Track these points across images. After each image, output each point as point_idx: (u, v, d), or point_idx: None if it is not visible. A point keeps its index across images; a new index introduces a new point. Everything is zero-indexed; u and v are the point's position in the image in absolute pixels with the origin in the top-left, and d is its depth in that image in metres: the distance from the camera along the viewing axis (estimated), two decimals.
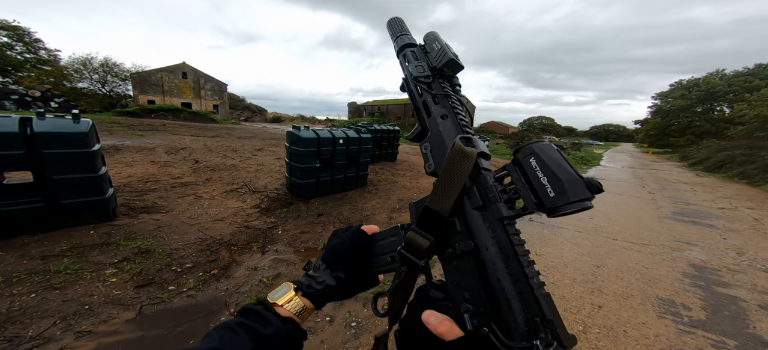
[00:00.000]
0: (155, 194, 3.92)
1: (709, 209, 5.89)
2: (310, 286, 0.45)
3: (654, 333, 2.03)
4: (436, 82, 0.47)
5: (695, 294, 2.59)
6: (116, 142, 7.07)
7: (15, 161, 2.27)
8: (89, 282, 2.02)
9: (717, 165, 13.89)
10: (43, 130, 2.36)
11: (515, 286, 0.31)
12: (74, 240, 2.47)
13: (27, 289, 1.89)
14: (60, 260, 2.20)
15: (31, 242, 2.38)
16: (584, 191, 0.29)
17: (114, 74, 31.07)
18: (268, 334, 0.37)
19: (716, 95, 32.09)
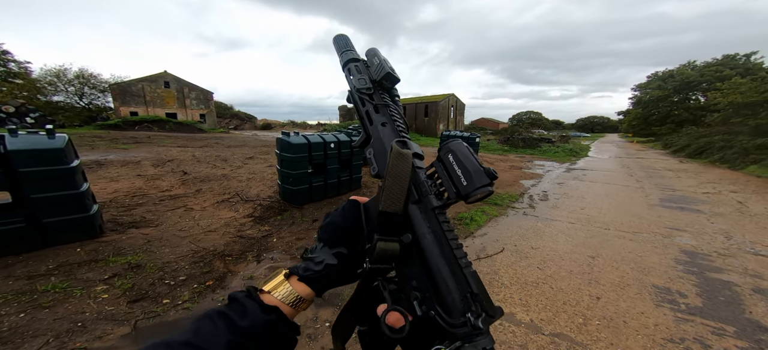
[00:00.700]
0: (143, 208, 3.81)
1: (695, 195, 6.09)
2: (307, 269, 0.40)
3: (653, 322, 2.05)
4: (377, 94, 0.51)
5: (689, 280, 2.64)
6: (99, 157, 6.80)
7: None
8: (80, 300, 1.99)
9: (698, 151, 14.46)
10: (17, 147, 2.26)
11: (450, 268, 0.34)
12: (61, 259, 2.41)
13: (15, 309, 1.85)
14: (47, 279, 2.17)
15: (16, 263, 2.32)
16: (485, 179, 0.35)
17: (91, 86, 29.97)
18: (244, 326, 0.33)
19: (691, 84, 33.86)
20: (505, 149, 16.73)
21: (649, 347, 1.83)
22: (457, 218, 4.23)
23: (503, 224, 4.10)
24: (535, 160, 12.65)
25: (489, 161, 11.15)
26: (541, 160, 12.79)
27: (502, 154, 14.63)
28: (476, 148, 10.64)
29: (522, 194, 5.97)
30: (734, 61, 32.28)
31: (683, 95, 35.34)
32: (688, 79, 33.91)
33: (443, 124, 32.45)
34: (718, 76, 29.17)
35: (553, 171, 9.51)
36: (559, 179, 8.02)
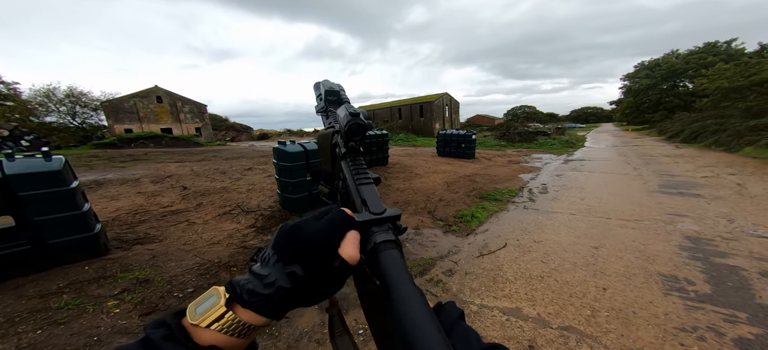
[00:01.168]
0: (146, 224, 3.81)
1: (693, 179, 6.14)
2: (253, 294, 0.30)
3: (663, 311, 2.04)
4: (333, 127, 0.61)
5: (695, 267, 2.63)
6: (98, 176, 6.75)
7: None
8: (93, 315, 2.05)
9: (692, 136, 14.59)
10: (15, 172, 2.28)
11: (355, 185, 0.46)
12: (70, 277, 2.46)
13: (31, 327, 1.90)
14: (59, 297, 2.21)
15: (26, 283, 2.36)
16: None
17: (83, 104, 29.78)
18: None
19: (677, 72, 34.74)
20: (502, 144, 16.80)
21: (660, 337, 1.82)
22: (457, 215, 4.23)
23: (504, 220, 4.11)
24: (532, 153, 12.71)
25: (487, 157, 11.18)
26: (538, 153, 12.86)
27: (499, 149, 14.69)
28: (473, 145, 10.66)
29: (521, 188, 5.99)
30: (716, 49, 33.22)
31: (671, 83, 36.19)
32: (673, 67, 34.88)
33: (439, 123, 32.56)
34: (703, 63, 29.95)
35: (551, 163, 9.56)
36: (558, 171, 8.06)
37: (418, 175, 7.32)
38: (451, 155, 10.95)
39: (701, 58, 32.17)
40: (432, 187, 6.06)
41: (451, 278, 2.58)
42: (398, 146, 17.93)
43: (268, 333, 1.92)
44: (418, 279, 2.58)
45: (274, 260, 0.32)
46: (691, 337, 1.80)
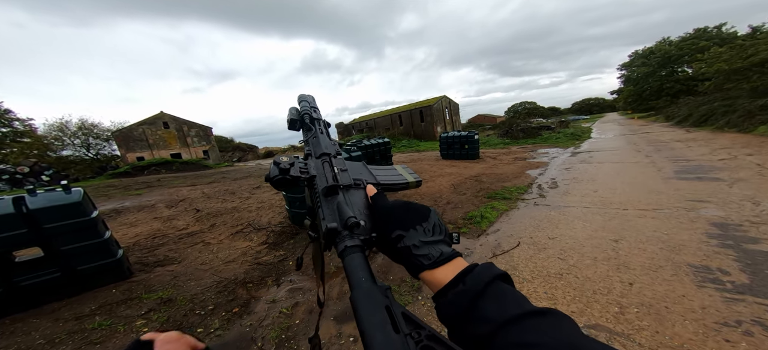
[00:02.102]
0: (165, 248, 3.93)
1: (710, 162, 5.95)
2: None
3: (699, 305, 1.92)
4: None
5: (727, 255, 2.49)
6: (116, 205, 6.93)
7: (19, 241, 2.36)
8: (124, 335, 2.16)
9: (702, 119, 14.25)
10: (38, 206, 2.39)
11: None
12: (100, 300, 2.59)
13: (71, 347, 2.03)
14: (92, 318, 2.35)
15: (61, 308, 2.49)
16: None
17: (95, 135, 30.88)
18: None
19: (671, 58, 34.77)
20: (506, 142, 16.66)
21: (701, 333, 1.70)
22: (466, 217, 4.16)
23: (515, 218, 4.02)
24: (538, 148, 12.55)
25: (492, 156, 11.09)
26: (544, 148, 12.68)
27: (503, 147, 14.56)
28: (477, 145, 10.59)
29: (530, 185, 5.89)
30: (707, 34, 33.33)
31: (669, 69, 36.07)
32: (667, 54, 34.99)
33: (440, 126, 32.59)
34: (696, 48, 29.85)
35: (558, 157, 9.40)
36: (566, 164, 7.92)
37: (423, 179, 7.28)
38: (455, 157, 10.89)
39: (694, 43, 32.31)
40: (438, 190, 6.01)
41: None
42: (402, 153, 17.94)
43: (287, 347, 1.92)
44: None
45: None
46: (736, 332, 1.67)
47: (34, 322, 2.31)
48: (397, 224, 0.41)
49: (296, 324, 2.14)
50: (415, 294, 2.40)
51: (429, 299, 2.32)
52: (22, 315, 2.40)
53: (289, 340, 1.99)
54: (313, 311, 2.29)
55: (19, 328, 2.24)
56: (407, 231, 0.40)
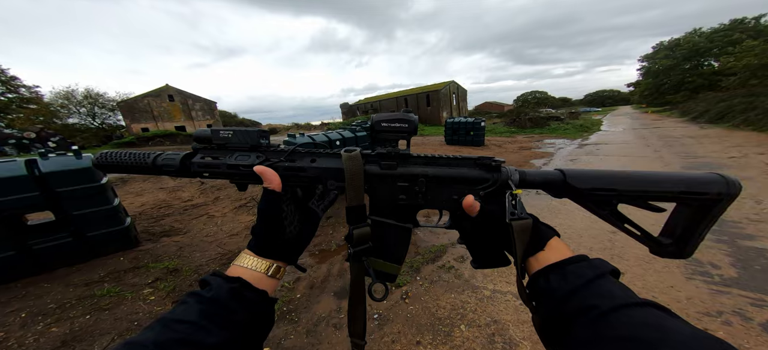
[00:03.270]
0: (170, 218, 4.03)
1: (719, 160, 5.83)
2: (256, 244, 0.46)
3: (685, 295, 1.99)
4: (266, 153, 0.57)
5: (721, 250, 2.54)
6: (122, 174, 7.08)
7: (32, 204, 2.38)
8: (132, 302, 2.21)
9: (718, 116, 13.76)
10: (51, 169, 2.41)
11: (453, 161, 0.56)
12: (109, 267, 2.66)
13: (80, 312, 2.08)
14: (101, 285, 2.39)
15: (72, 273, 2.57)
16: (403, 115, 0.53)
17: (100, 105, 30.92)
18: (210, 296, 0.37)
19: (700, 51, 33.36)
20: (512, 131, 16.39)
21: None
22: None
23: None
24: (544, 139, 12.35)
25: (496, 144, 10.96)
26: (550, 138, 12.48)
27: (509, 136, 14.34)
28: (482, 132, 10.44)
29: None
30: (743, 25, 31.63)
31: (694, 62, 34.33)
32: (696, 46, 33.52)
33: (446, 112, 32.00)
34: (729, 41, 28.17)
35: (564, 148, 9.27)
36: (572, 155, 7.82)
37: None
38: (460, 143, 10.79)
39: (726, 35, 30.86)
40: None
41: (463, 264, 2.59)
42: None
43: (288, 320, 2.00)
44: (430, 265, 2.60)
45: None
46: (716, 322, 1.75)
47: (46, 286, 2.36)
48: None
49: (297, 298, 2.22)
50: (414, 275, 2.48)
51: (427, 279, 2.39)
52: (34, 279, 2.45)
53: (290, 313, 2.07)
54: (314, 286, 2.37)
55: (31, 292, 2.30)
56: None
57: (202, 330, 0.33)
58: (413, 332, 1.85)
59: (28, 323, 1.97)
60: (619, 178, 0.48)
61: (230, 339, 0.35)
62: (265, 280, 0.43)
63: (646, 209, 0.48)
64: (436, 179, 0.53)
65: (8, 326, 1.94)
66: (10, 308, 2.11)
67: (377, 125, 0.52)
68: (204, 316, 0.34)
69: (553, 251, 0.43)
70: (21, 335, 1.86)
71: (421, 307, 2.07)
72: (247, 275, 0.42)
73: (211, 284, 0.39)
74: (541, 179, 0.52)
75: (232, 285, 0.39)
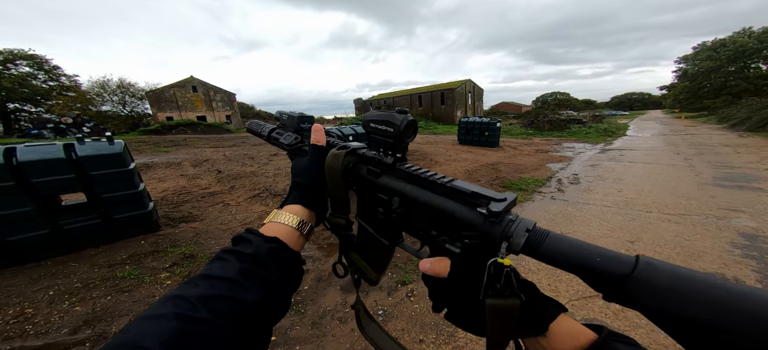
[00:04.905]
0: (189, 205, 4.16)
1: (757, 172, 5.38)
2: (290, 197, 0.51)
3: None
4: (304, 138, 0.65)
5: (748, 265, 2.37)
6: (146, 160, 7.47)
7: (67, 185, 2.52)
8: (150, 285, 2.26)
9: (761, 124, 12.65)
10: (86, 154, 2.56)
11: (443, 194, 0.43)
12: (130, 250, 2.73)
13: (102, 293, 2.17)
14: (123, 267, 2.47)
15: (97, 254, 2.68)
16: (397, 115, 0.45)
17: (131, 94, 32.74)
18: (250, 253, 0.37)
19: (748, 53, 30.76)
20: (529, 133, 15.84)
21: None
22: None
23: (529, 210, 3.94)
24: (563, 142, 11.86)
25: (512, 145, 10.64)
26: (570, 142, 11.96)
27: (525, 138, 13.88)
28: (497, 132, 10.17)
29: (549, 178, 5.67)
30: None
31: (740, 64, 31.56)
32: (743, 47, 30.84)
33: (461, 110, 31.36)
34: None
35: (584, 153, 8.87)
36: (592, 161, 7.47)
37: (437, 163, 7.20)
38: (473, 144, 10.57)
39: None
40: (452, 175, 5.85)
41: None
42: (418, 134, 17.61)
43: (295, 311, 2.04)
44: None
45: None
46: None
47: (74, 266, 2.44)
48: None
49: (305, 289, 2.26)
50: (419, 273, 2.49)
51: None
52: (63, 258, 2.54)
53: (297, 304, 2.10)
54: (321, 279, 2.41)
55: (60, 271, 2.37)
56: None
57: (241, 288, 0.33)
58: (417, 330, 1.86)
59: (55, 300, 2.05)
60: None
61: (266, 298, 0.35)
62: (297, 239, 0.44)
63: None
64: (412, 202, 0.43)
65: (37, 303, 2.02)
66: (39, 285, 2.20)
67: (366, 124, 0.49)
68: (242, 274, 0.35)
69: (557, 338, 0.31)
70: (48, 312, 1.94)
71: (427, 306, 2.07)
72: (284, 233, 0.43)
73: (249, 241, 0.39)
74: (576, 259, 0.30)
75: (271, 244, 0.39)
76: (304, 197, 0.49)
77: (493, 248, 0.34)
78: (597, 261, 0.29)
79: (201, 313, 0.29)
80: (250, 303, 0.33)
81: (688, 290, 0.24)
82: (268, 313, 0.36)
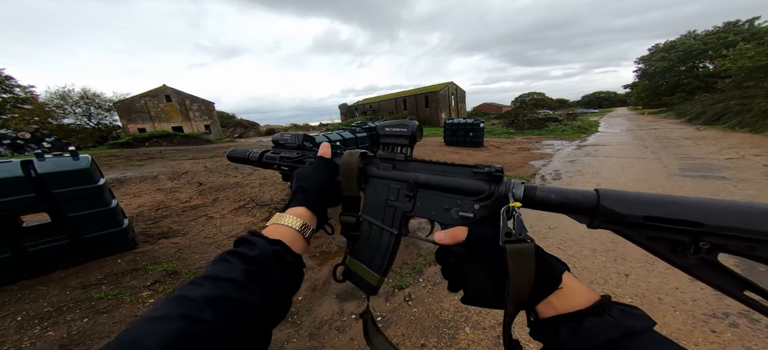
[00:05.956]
0: (168, 219, 3.96)
1: (717, 161, 5.87)
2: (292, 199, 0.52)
3: (690, 297, 1.97)
4: (306, 151, 0.72)
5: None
6: (118, 175, 6.99)
7: (28, 205, 2.34)
8: (131, 305, 2.16)
9: (714, 117, 13.93)
10: (47, 171, 2.38)
11: (453, 170, 0.52)
12: (106, 270, 2.60)
13: (78, 315, 2.03)
14: (98, 288, 2.34)
15: (68, 276, 2.51)
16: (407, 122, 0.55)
17: (97, 105, 30.65)
18: (254, 255, 0.37)
19: (694, 53, 33.84)
20: (510, 132, 16.45)
21: (690, 323, 1.77)
22: None
23: None
24: (543, 140, 12.40)
25: (495, 145, 10.98)
26: (549, 139, 12.53)
27: (508, 137, 14.39)
28: (481, 133, 10.47)
29: (533, 175, 5.88)
30: (737, 28, 32.23)
31: (690, 64, 34.92)
32: (690, 48, 34.04)
33: (445, 113, 32.10)
34: (723, 43, 28.71)
35: (563, 150, 9.31)
36: (571, 156, 7.85)
37: None
38: (458, 144, 10.80)
39: (721, 38, 31.46)
40: None
41: None
42: None
43: (290, 322, 1.97)
44: (433, 266, 2.58)
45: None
46: (722, 324, 1.74)
47: (42, 289, 2.30)
48: None
49: (299, 300, 2.19)
50: (416, 276, 2.46)
51: (430, 281, 2.38)
52: (30, 282, 2.39)
53: (292, 316, 2.04)
54: (315, 289, 2.34)
55: (26, 295, 2.24)
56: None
57: (245, 290, 0.33)
58: (417, 334, 1.83)
59: (25, 326, 1.92)
60: (702, 206, 0.32)
61: (269, 300, 0.35)
62: (300, 241, 0.45)
63: None
64: (426, 186, 0.50)
65: (4, 329, 1.89)
66: (5, 311, 2.05)
67: (381, 129, 0.57)
68: (247, 276, 0.35)
69: (567, 293, 0.34)
70: (18, 339, 1.81)
71: (425, 309, 2.05)
72: (287, 236, 0.43)
73: (254, 243, 0.39)
74: (559, 199, 0.40)
75: (275, 247, 0.40)
76: (309, 199, 0.51)
77: (501, 205, 0.41)
78: (573, 197, 0.39)
79: (206, 315, 0.29)
80: (254, 306, 0.33)
81: (652, 200, 0.36)
82: (271, 315, 0.36)
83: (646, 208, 0.35)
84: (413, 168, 0.53)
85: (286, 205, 0.51)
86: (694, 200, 0.34)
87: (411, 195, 0.52)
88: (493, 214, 0.43)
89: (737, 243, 0.31)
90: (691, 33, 36.76)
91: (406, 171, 0.54)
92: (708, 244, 0.32)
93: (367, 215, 0.57)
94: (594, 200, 0.38)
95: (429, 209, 0.50)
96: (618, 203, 0.36)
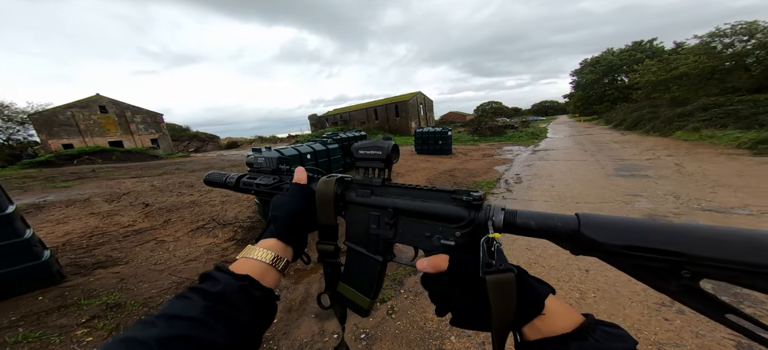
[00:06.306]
0: (106, 246, 3.44)
1: (640, 162, 6.95)
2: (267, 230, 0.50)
3: (641, 287, 2.19)
4: (283, 175, 0.68)
5: None
6: (35, 199, 5.80)
7: None
8: (61, 346, 1.91)
9: (633, 123, 16.62)
10: None
11: (428, 195, 0.51)
12: (23, 309, 2.20)
13: None
14: (14, 330, 2.02)
15: None
16: (384, 143, 0.53)
17: (6, 118, 25.54)
18: (217, 291, 0.35)
19: (613, 68, 39.96)
20: (475, 139, 17.59)
21: (646, 314, 1.93)
22: None
23: None
24: (503, 146, 13.49)
25: (463, 151, 11.62)
26: (508, 145, 13.68)
27: (473, 144, 15.37)
28: (449, 141, 11.02)
29: (498, 180, 6.31)
30: (642, 47, 38.75)
31: (611, 77, 41.37)
32: (610, 63, 40.06)
33: (415, 122, 33.19)
34: (633, 60, 34.72)
35: (520, 154, 10.21)
36: (528, 161, 8.64)
37: (399, 174, 7.37)
38: (429, 152, 11.20)
39: (631, 55, 37.78)
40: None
41: None
42: None
43: (267, 347, 1.85)
44: (414, 276, 2.58)
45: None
46: (671, 311, 1.94)
47: None
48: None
49: (274, 324, 2.02)
50: (397, 288, 2.42)
51: (411, 292, 2.35)
52: None
53: (267, 341, 1.88)
54: (291, 309, 2.19)
55: None
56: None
57: (205, 327, 0.31)
58: (403, 348, 1.79)
59: None
60: (684, 234, 0.32)
61: (235, 339, 0.33)
62: (271, 275, 0.43)
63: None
64: (406, 212, 0.49)
65: None
66: None
67: (355, 152, 0.55)
68: (208, 313, 0.32)
69: (552, 317, 0.35)
70: None
71: (409, 321, 2.02)
72: (256, 270, 0.41)
73: (217, 279, 0.37)
74: (538, 225, 0.39)
75: (241, 282, 0.37)
76: (281, 230, 0.48)
77: (481, 232, 0.40)
78: (552, 224, 0.39)
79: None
80: (215, 344, 0.31)
81: (631, 227, 0.35)
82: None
83: (626, 237, 0.34)
84: (391, 193, 0.52)
85: (259, 235, 0.49)
86: (676, 228, 0.33)
87: (392, 223, 0.51)
88: (474, 241, 0.42)
89: (719, 272, 0.31)
90: (609, 50, 43.21)
91: (384, 197, 0.52)
92: (689, 272, 0.32)
93: (351, 242, 0.56)
94: (574, 226, 0.37)
95: (411, 237, 0.50)
96: (597, 230, 0.36)
